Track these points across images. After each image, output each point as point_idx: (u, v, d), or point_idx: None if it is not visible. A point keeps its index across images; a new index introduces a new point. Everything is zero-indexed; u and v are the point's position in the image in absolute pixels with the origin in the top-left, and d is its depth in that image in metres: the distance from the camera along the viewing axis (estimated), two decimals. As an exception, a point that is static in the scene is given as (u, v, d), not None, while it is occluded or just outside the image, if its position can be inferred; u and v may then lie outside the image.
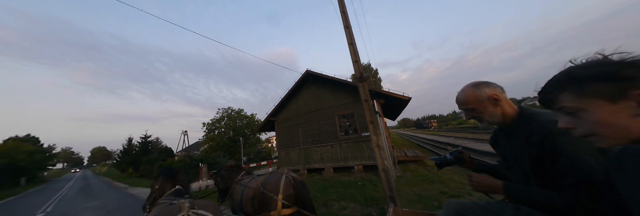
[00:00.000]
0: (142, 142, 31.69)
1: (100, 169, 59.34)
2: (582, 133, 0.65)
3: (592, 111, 0.60)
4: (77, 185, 22.73)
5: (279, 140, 12.06)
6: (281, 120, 12.29)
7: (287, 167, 11.46)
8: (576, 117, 0.64)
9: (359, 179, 8.51)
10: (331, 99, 10.70)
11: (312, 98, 11.34)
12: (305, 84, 11.63)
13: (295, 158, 11.29)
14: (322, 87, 11.09)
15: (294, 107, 11.94)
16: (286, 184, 2.59)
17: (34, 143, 37.16)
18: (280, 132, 12.18)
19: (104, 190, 16.40)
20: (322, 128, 10.70)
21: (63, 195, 15.88)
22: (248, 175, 3.23)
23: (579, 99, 0.62)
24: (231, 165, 3.58)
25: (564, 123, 0.68)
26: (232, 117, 28.14)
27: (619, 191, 0.63)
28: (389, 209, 1.76)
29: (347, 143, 9.84)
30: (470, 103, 1.14)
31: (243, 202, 2.63)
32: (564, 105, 0.65)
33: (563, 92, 0.64)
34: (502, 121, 1.12)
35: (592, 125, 0.61)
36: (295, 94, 11.93)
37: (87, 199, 12.12)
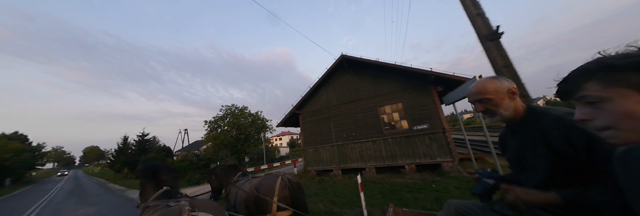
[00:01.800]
0: (139, 140, 29.36)
1: (92, 169, 55.93)
2: (599, 126, 0.61)
3: (617, 101, 0.57)
4: (67, 187, 20.32)
5: (305, 136, 10.27)
6: (307, 113, 10.51)
7: (316, 167, 9.68)
8: (596, 108, 0.60)
9: (417, 181, 6.83)
10: (372, 88, 8.99)
11: (346, 87, 9.61)
12: (337, 72, 9.89)
13: (326, 156, 9.51)
14: (360, 74, 9.38)
15: (323, 98, 10.18)
16: (282, 186, 2.52)
17: (22, 141, 34.25)
18: (306, 126, 10.40)
19: (97, 192, 14.22)
20: (361, 122, 8.97)
21: (50, 199, 13.65)
22: (244, 177, 3.12)
23: (606, 88, 0.58)
24: (228, 164, 3.45)
25: (581, 114, 0.65)
26: (236, 114, 26.14)
27: (622, 190, 0.61)
28: (389, 209, 1.70)
29: (395, 138, 8.14)
30: (488, 93, 1.08)
31: (237, 204, 2.57)
32: (588, 94, 0.61)
33: (590, 80, 0.61)
34: (513, 116, 1.08)
35: (614, 117, 0.58)
36: (325, 84, 10.18)
37: (78, 204, 10.05)
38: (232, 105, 27.20)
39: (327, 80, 10.11)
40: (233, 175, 3.24)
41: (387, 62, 8.35)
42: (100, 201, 10.37)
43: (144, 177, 2.40)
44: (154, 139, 32.41)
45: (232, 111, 26.75)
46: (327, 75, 9.91)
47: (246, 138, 25.51)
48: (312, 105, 10.40)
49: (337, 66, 9.67)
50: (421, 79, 8.09)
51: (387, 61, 8.37)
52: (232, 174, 3.26)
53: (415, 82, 8.20)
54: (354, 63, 9.33)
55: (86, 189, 16.92)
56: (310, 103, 10.52)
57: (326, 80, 10.09)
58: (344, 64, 9.49)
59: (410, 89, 8.25)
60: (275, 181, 2.56)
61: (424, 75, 7.91)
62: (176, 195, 2.22)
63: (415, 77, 8.17)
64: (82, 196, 13.13)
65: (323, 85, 10.19)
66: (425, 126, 7.73)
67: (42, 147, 38.01)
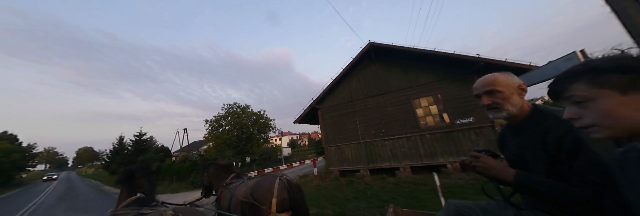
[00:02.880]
0: (136, 140, 27.81)
1: (86, 171, 53.60)
2: (584, 124, 0.64)
3: (601, 101, 0.59)
4: (58, 190, 18.81)
5: (326, 133, 9.20)
6: (327, 108, 9.44)
7: (340, 167, 8.61)
8: (583, 107, 0.63)
9: (469, 181, 5.85)
10: (404, 79, 7.99)
11: (373, 79, 8.58)
12: (362, 63, 8.86)
13: (351, 155, 8.46)
14: (389, 64, 8.37)
15: (345, 91, 9.13)
16: (280, 188, 2.33)
17: (12, 141, 32.33)
18: (326, 123, 9.33)
19: (91, 196, 12.88)
20: (392, 116, 7.95)
21: (39, 203, 12.27)
22: (237, 179, 2.89)
23: (591, 89, 0.60)
24: (222, 164, 3.21)
25: (569, 113, 0.67)
26: (238, 113, 24.89)
27: (620, 191, 0.63)
28: (389, 209, 1.65)
29: (433, 134, 7.14)
30: (500, 85, 1.01)
31: (232, 209, 2.41)
32: (574, 94, 0.64)
33: (576, 81, 0.63)
34: (518, 113, 1.02)
35: (597, 115, 0.60)
36: (347, 76, 9.13)
37: (70, 211, 8.78)
38: (234, 104, 25.97)
39: (350, 72, 9.07)
40: (225, 176, 3.02)
41: (425, 48, 7.37)
42: (94, 206, 9.11)
43: (119, 182, 2.24)
44: (152, 139, 30.84)
45: (234, 110, 25.51)
46: (351, 66, 8.87)
47: (249, 137, 24.32)
48: (333, 100, 9.34)
49: (363, 56, 8.64)
50: (463, 67, 7.14)
51: (424, 47, 7.39)
52: (225, 175, 3.04)
53: (456, 71, 7.25)
54: (383, 52, 8.32)
55: (79, 192, 15.52)
56: (330, 97, 9.46)
57: (349, 72, 9.04)
58: (371, 53, 8.47)
59: (450, 79, 7.29)
60: (273, 182, 2.39)
61: (468, 62, 6.97)
62: (150, 202, 2.05)
63: (456, 65, 7.22)
64: (75, 200, 11.79)
65: (345, 78, 9.15)
66: (469, 120, 6.77)
67: (33, 147, 36.11)
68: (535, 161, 0.96)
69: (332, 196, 5.86)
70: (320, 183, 7.92)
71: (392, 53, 8.17)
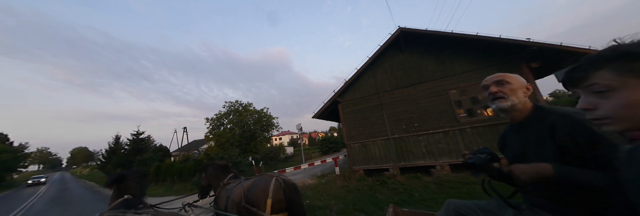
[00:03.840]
0: (134, 139, 26.51)
1: (81, 171, 51.71)
2: (599, 115, 0.60)
3: (627, 91, 0.55)
4: (51, 192, 17.57)
5: (348, 129, 8.30)
6: (348, 102, 8.54)
7: (365, 166, 7.73)
8: (602, 97, 0.58)
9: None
10: (438, 68, 7.14)
11: (402, 69, 7.72)
12: (389, 52, 7.97)
13: (378, 152, 7.58)
14: (421, 52, 7.51)
15: (369, 83, 8.24)
16: (276, 188, 2.31)
17: (2, 141, 30.72)
18: (348, 117, 8.43)
19: (87, 199, 11.76)
20: (426, 109, 7.10)
21: (28, 207, 11.14)
22: (235, 179, 2.90)
23: (619, 77, 0.55)
24: (220, 164, 3.20)
25: (584, 103, 0.63)
26: (240, 111, 23.84)
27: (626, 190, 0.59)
28: (389, 209, 1.63)
29: (476, 128, 6.31)
30: (509, 78, 1.08)
31: (229, 209, 2.40)
32: (597, 82, 0.58)
33: (602, 68, 0.58)
34: (521, 109, 1.06)
35: (616, 107, 0.56)
36: (371, 67, 8.23)
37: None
38: (236, 102, 24.92)
39: (374, 63, 8.17)
40: (223, 176, 3.02)
41: (464, 32, 6.53)
42: (91, 211, 8.06)
43: (107, 184, 2.25)
44: (150, 138, 29.52)
45: (236, 108, 24.46)
46: (377, 56, 7.97)
47: (252, 136, 23.34)
48: (355, 92, 8.45)
49: (391, 44, 7.76)
50: (508, 54, 6.32)
51: (464, 32, 6.55)
52: (222, 175, 3.05)
53: (499, 58, 6.43)
54: (414, 39, 7.45)
55: (73, 194, 14.36)
56: (351, 90, 8.56)
57: (374, 62, 8.15)
58: (400, 41, 7.60)
59: (492, 67, 6.46)
60: (269, 182, 2.36)
61: (515, 48, 6.14)
62: (137, 204, 2.03)
63: (500, 51, 6.40)
64: (69, 204, 10.68)
65: (369, 69, 8.25)
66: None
67: (25, 147, 34.44)
68: (540, 157, 0.95)
69: (375, 200, 4.98)
70: (345, 183, 7.04)
71: (425, 39, 7.32)
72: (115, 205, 1.97)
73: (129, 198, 2.04)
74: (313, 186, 6.88)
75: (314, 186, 6.88)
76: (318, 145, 28.31)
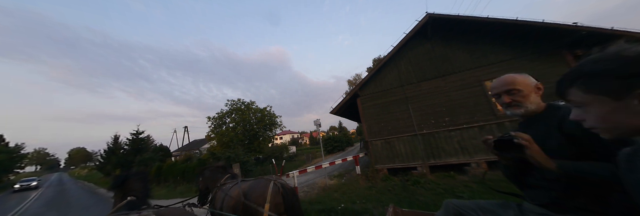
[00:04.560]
0: (133, 138, 25.65)
1: (79, 172, 50.43)
2: (588, 126, 0.63)
3: (595, 107, 0.58)
4: (48, 193, 16.73)
5: (369, 125, 7.63)
6: (368, 96, 7.86)
7: (390, 164, 7.08)
8: (582, 110, 0.63)
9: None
10: (470, 58, 6.51)
11: (429, 59, 7.07)
12: (413, 41, 7.30)
13: (404, 149, 6.93)
14: (450, 40, 6.87)
15: (391, 75, 7.59)
16: (274, 192, 2.26)
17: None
18: (368, 112, 7.76)
19: (85, 202, 10.99)
20: (458, 102, 6.46)
21: (23, 210, 10.36)
22: (232, 180, 2.84)
23: (585, 94, 0.59)
24: (217, 165, 3.21)
25: (575, 115, 0.67)
26: (243, 110, 23.09)
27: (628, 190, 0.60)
28: (389, 209, 1.61)
29: (515, 121, 5.61)
30: (519, 84, 1.06)
31: (224, 210, 2.31)
32: (572, 99, 0.63)
33: (572, 86, 0.62)
34: (535, 111, 1.06)
35: (596, 119, 0.60)
36: (394, 58, 7.55)
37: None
38: (239, 100, 24.18)
39: (397, 53, 7.50)
40: (221, 177, 2.98)
41: (503, 17, 5.89)
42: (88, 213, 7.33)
43: (113, 187, 2.24)
44: (149, 138, 28.62)
45: (238, 106, 23.72)
46: (401, 46, 7.31)
47: (255, 135, 22.65)
48: (376, 86, 7.78)
49: (417, 33, 7.10)
50: (550, 41, 5.71)
51: (502, 17, 5.91)
52: (220, 176, 3.00)
53: (541, 45, 5.82)
54: (443, 26, 6.80)
55: (72, 196, 13.57)
56: (372, 83, 7.88)
57: (397, 53, 7.48)
58: (427, 29, 6.95)
59: (531, 55, 5.86)
60: (267, 186, 2.30)
61: (559, 34, 5.54)
62: (140, 205, 2.02)
63: (541, 38, 5.79)
64: (66, 207, 9.92)
65: (392, 60, 7.58)
66: (560, 103, 5.32)
67: (21, 147, 33.31)
68: (547, 145, 0.94)
69: (417, 202, 4.32)
70: (369, 183, 6.39)
71: (455, 26, 6.68)
72: (118, 207, 1.94)
73: (132, 200, 2.01)
74: (336, 187, 6.22)
75: (337, 187, 6.21)
76: (324, 144, 27.64)
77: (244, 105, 24.13)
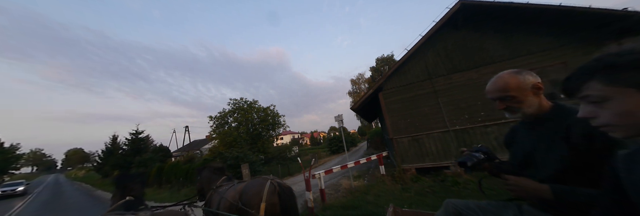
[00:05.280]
0: (133, 139, 24.77)
1: (76, 173, 49.12)
2: (601, 123, 0.59)
3: (619, 100, 0.55)
4: (43, 195, 15.87)
5: (393, 122, 7.00)
6: (393, 90, 7.22)
7: (418, 163, 6.45)
8: (599, 106, 0.58)
9: None
10: (507, 47, 5.94)
11: (459, 50, 6.48)
12: (442, 31, 6.67)
13: (435, 147, 6.31)
14: (483, 29, 6.28)
15: (417, 67, 6.97)
16: (270, 191, 2.22)
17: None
18: (392, 108, 7.13)
19: (82, 205, 10.21)
20: (495, 96, 5.85)
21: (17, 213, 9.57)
22: (228, 181, 2.82)
23: (608, 87, 0.55)
24: (214, 166, 3.15)
25: (584, 112, 0.62)
26: (246, 109, 22.38)
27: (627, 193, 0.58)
28: (389, 209, 1.61)
29: (564, 117, 5.05)
30: (512, 90, 0.96)
31: (219, 213, 2.27)
32: (590, 93, 0.59)
33: (592, 79, 0.58)
34: (536, 113, 0.98)
35: (615, 115, 0.56)
36: (421, 49, 6.93)
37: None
38: (241, 99, 23.47)
39: (424, 44, 6.88)
40: (217, 179, 2.92)
41: (545, 3, 5.34)
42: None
43: (116, 187, 2.26)
44: (149, 138, 27.73)
45: (241, 105, 23.01)
46: (429, 36, 6.70)
47: (258, 135, 21.97)
48: (401, 79, 7.15)
49: (446, 22, 6.50)
50: (596, 28, 5.19)
51: (544, 2, 5.35)
52: (216, 178, 2.94)
53: (583, 33, 5.29)
54: (476, 14, 6.21)
55: (68, 199, 12.75)
56: (395, 77, 7.25)
57: (424, 43, 6.86)
58: (458, 18, 6.36)
59: (575, 44, 5.31)
60: (263, 185, 2.27)
61: (606, 20, 5.01)
62: (138, 205, 2.03)
63: (585, 25, 5.27)
64: (63, 211, 9.15)
65: (419, 52, 6.97)
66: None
67: (17, 148, 32.25)
68: (548, 156, 0.92)
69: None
70: (398, 184, 5.77)
71: (489, 14, 6.09)
72: (116, 206, 1.95)
73: (130, 200, 2.01)
74: (363, 188, 5.58)
75: (365, 188, 5.58)
76: (326, 144, 27.01)
77: (246, 104, 23.44)
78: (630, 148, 0.58)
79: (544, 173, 0.92)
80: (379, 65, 30.16)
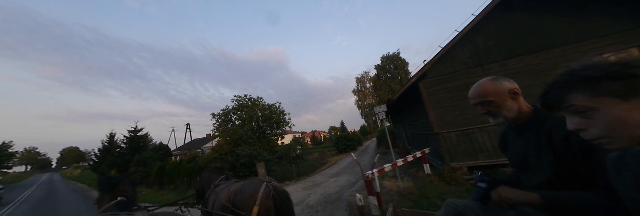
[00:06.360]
0: (131, 136, 23.53)
1: (71, 172, 47.28)
2: (593, 135, 0.56)
3: (605, 109, 0.53)
4: (35, 196, 14.62)
5: (439, 114, 6.09)
6: (436, 79, 6.29)
7: (470, 161, 5.56)
8: (587, 117, 0.56)
9: None
10: (571, 30, 5.10)
11: (516, 32, 5.61)
12: (493, 13, 5.79)
13: (489, 143, 5.43)
14: (542, 9, 5.40)
15: (465, 53, 6.08)
16: (265, 194, 2.09)
17: (-19, 140, 27.08)
18: (436, 98, 6.22)
19: (75, 207, 9.10)
20: (565, 83, 4.99)
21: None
22: (225, 181, 2.73)
23: (591, 98, 0.54)
24: (214, 166, 3.11)
25: (574, 124, 0.59)
26: (250, 106, 21.33)
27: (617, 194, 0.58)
28: (389, 209, 1.61)
29: None
30: (490, 95, 0.98)
31: (214, 213, 2.21)
32: (575, 104, 0.57)
33: (572, 92, 0.57)
34: (517, 117, 0.98)
35: (607, 124, 0.53)
36: (469, 33, 6.04)
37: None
38: (245, 96, 22.42)
39: (474, 28, 5.99)
40: (215, 178, 2.85)
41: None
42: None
43: (101, 187, 2.12)
44: (148, 136, 26.45)
45: (245, 102, 21.95)
46: (479, 19, 5.81)
47: (263, 133, 20.98)
48: (445, 67, 6.24)
49: (500, 4, 5.63)
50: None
51: None
52: (215, 178, 2.87)
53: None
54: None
55: (61, 200, 11.60)
56: (438, 65, 6.33)
57: (474, 27, 5.96)
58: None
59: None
60: (258, 188, 2.14)
61: None
62: (131, 206, 1.94)
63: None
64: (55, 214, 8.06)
65: (466, 37, 6.06)
66: None
67: (9, 146, 30.67)
68: (540, 162, 0.91)
69: None
70: (452, 185, 4.89)
71: (557, -10, 5.25)
72: (107, 207, 1.84)
73: (122, 200, 1.90)
74: (417, 191, 4.67)
75: (419, 190, 4.66)
76: (333, 143, 26.08)
77: (250, 101, 22.39)
78: (620, 151, 0.56)
79: (540, 177, 0.92)
80: (385, 63, 29.37)
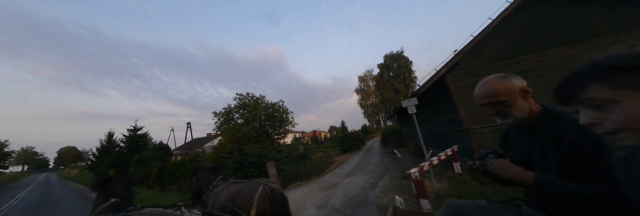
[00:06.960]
0: (131, 135, 22.92)
1: (69, 172, 46.30)
2: (608, 129, 0.54)
3: (626, 102, 0.50)
4: (30, 198, 13.98)
5: (469, 109, 5.64)
6: (466, 71, 5.84)
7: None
8: (604, 110, 0.53)
9: None
10: (612, 17, 4.71)
11: (551, 22, 5.18)
12: (526, 2, 5.37)
13: (527, 140, 4.98)
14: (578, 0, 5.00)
15: (497, 43, 5.62)
16: (262, 197, 2.07)
17: (-24, 139, 26.27)
18: (466, 91, 5.76)
19: (75, 208, 8.53)
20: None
21: None
22: (224, 182, 2.69)
23: (613, 90, 0.51)
24: (209, 166, 3.06)
25: (588, 118, 0.56)
26: (252, 104, 20.80)
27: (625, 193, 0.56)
28: (389, 209, 1.57)
29: None
30: (501, 95, 0.91)
31: (214, 213, 2.18)
32: (593, 97, 0.53)
33: (591, 83, 0.53)
34: (527, 117, 0.93)
35: (626, 118, 0.50)
36: (501, 23, 5.58)
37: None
38: (247, 94, 21.88)
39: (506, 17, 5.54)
40: (213, 179, 2.83)
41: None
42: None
43: (94, 188, 2.10)
44: (147, 135, 25.80)
45: (247, 101, 21.42)
46: (515, 7, 5.37)
47: (266, 132, 20.48)
48: (475, 58, 5.78)
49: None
50: None
51: None
52: (212, 178, 2.85)
53: None
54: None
55: (58, 202, 11.00)
56: (467, 56, 5.88)
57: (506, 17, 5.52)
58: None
59: None
60: (255, 190, 2.12)
61: None
62: (126, 207, 1.89)
63: None
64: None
65: (498, 27, 5.61)
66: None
67: (5, 145, 29.87)
68: (545, 162, 0.89)
69: None
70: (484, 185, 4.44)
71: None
72: (101, 208, 1.82)
73: (116, 201, 1.88)
74: (455, 192, 4.23)
75: (457, 192, 4.22)
76: (337, 143, 25.62)
77: (252, 99, 21.86)
78: (624, 151, 0.54)
79: None
80: (388, 62, 29.02)
